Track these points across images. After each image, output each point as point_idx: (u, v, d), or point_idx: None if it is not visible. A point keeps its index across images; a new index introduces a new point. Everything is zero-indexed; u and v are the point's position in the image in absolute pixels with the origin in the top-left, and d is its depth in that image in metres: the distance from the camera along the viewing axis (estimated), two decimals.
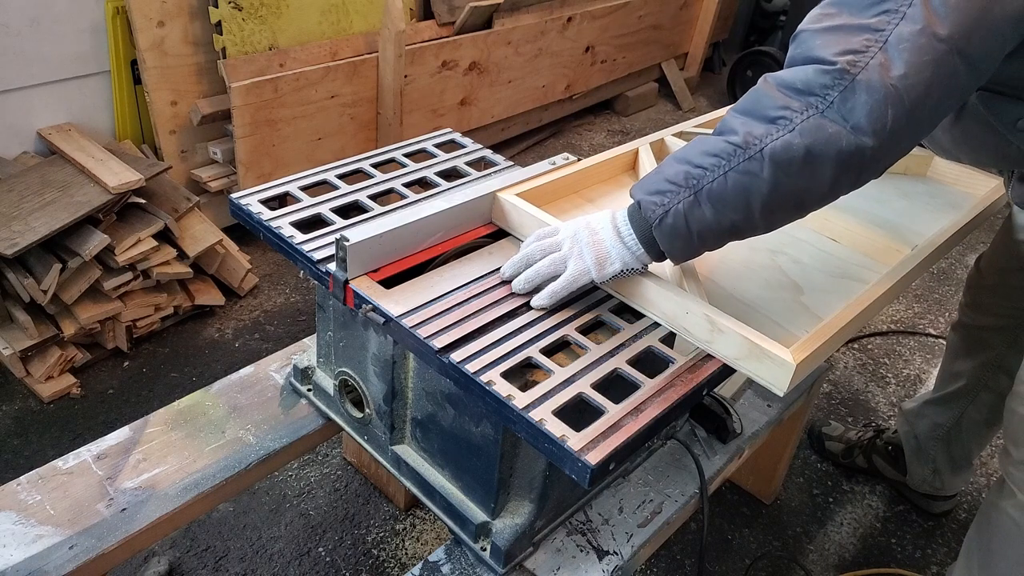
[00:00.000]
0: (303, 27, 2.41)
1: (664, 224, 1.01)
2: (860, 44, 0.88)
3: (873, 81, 0.87)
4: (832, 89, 0.88)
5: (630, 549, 1.16)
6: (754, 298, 1.19)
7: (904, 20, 0.86)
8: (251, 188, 1.40)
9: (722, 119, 0.99)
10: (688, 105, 4.02)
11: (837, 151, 0.89)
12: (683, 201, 0.98)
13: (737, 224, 0.99)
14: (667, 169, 1.02)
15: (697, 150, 0.99)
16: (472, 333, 1.04)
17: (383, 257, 1.16)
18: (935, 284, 2.81)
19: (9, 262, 1.82)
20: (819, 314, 1.15)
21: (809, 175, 0.92)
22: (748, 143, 0.93)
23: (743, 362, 1.00)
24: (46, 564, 1.04)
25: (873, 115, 0.87)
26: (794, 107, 0.91)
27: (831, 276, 1.27)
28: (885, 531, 1.84)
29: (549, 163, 1.48)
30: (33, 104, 2.11)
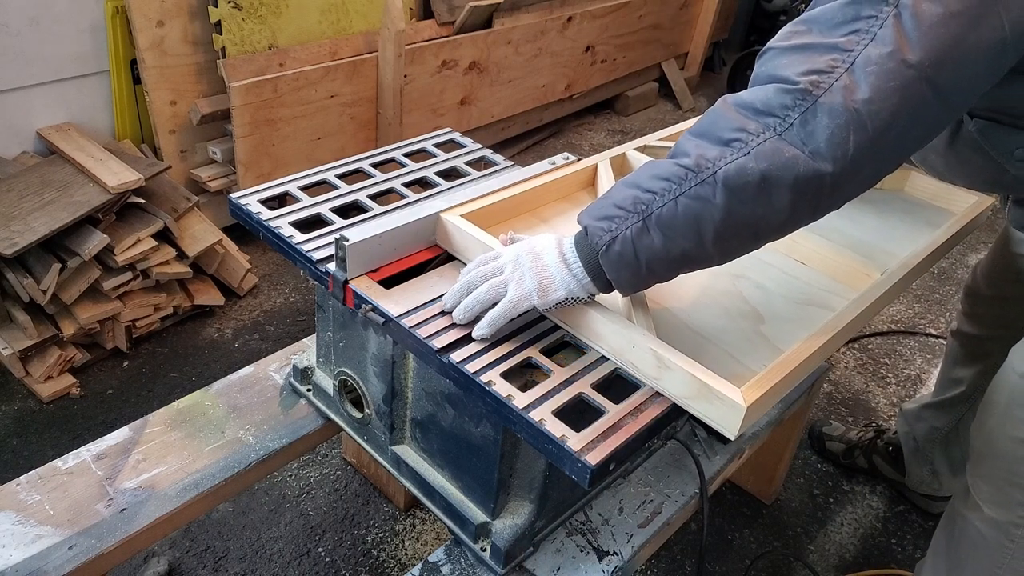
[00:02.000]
0: (303, 27, 2.41)
1: (611, 252, 0.95)
2: (826, 64, 0.83)
3: (835, 104, 0.82)
4: (792, 110, 0.84)
5: (630, 549, 1.16)
6: (710, 328, 1.12)
7: (873, 41, 0.82)
8: (251, 188, 1.40)
9: (676, 142, 0.95)
10: (688, 105, 4.02)
11: (794, 176, 0.84)
12: (631, 227, 0.92)
13: (688, 253, 0.93)
14: (616, 194, 0.96)
15: (647, 174, 0.94)
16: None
17: (383, 257, 1.16)
18: (935, 284, 2.81)
19: (8, 262, 1.82)
20: (779, 345, 1.09)
21: (764, 202, 0.87)
22: (700, 166, 0.88)
23: (691, 402, 0.94)
24: (46, 564, 1.04)
25: (834, 140, 0.82)
26: (750, 129, 0.86)
27: (795, 303, 1.20)
28: (885, 531, 1.84)
29: (549, 163, 1.48)
30: (33, 104, 2.11)
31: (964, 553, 1.35)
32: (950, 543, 1.39)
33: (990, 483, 1.29)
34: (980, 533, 1.31)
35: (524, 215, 1.35)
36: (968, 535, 1.34)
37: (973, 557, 1.34)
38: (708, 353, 1.06)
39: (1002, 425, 1.24)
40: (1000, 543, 1.28)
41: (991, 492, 1.28)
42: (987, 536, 1.30)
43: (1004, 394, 1.23)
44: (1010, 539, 1.27)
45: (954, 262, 2.94)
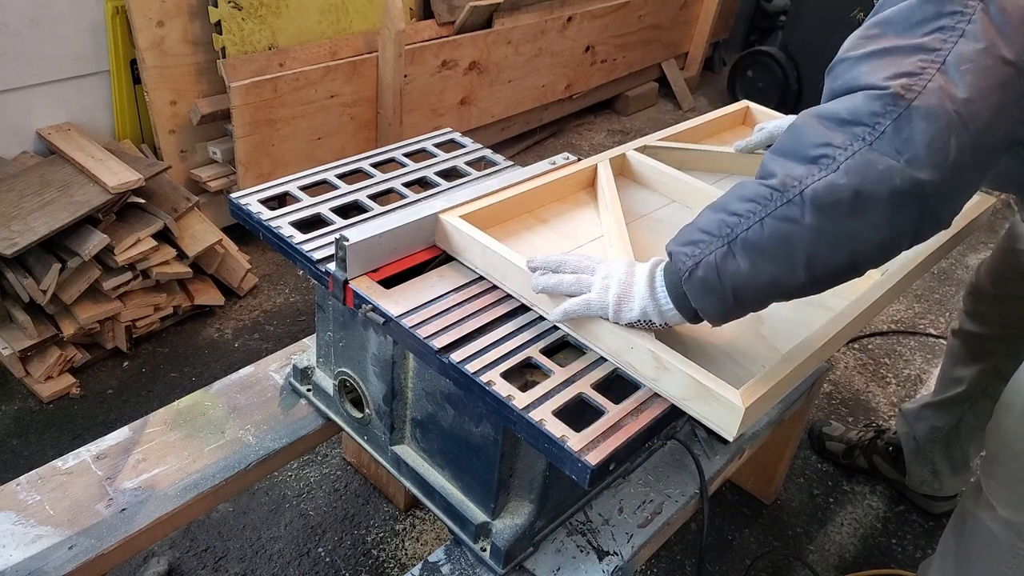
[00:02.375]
0: (303, 27, 2.41)
1: (694, 277, 0.89)
2: (914, 66, 0.76)
3: (933, 106, 0.75)
4: (884, 116, 0.77)
5: (630, 549, 1.15)
6: (709, 330, 1.08)
7: (963, 38, 0.76)
8: (251, 188, 1.40)
9: (761, 161, 0.89)
10: (688, 105, 4.02)
11: (890, 190, 0.77)
12: (715, 252, 0.87)
13: (778, 279, 0.86)
14: (702, 219, 0.92)
15: (735, 195, 0.88)
16: (472, 333, 1.04)
17: (383, 257, 1.16)
18: (936, 284, 2.81)
19: (9, 262, 1.82)
20: (778, 347, 1.08)
21: (859, 220, 0.79)
22: (786, 185, 0.82)
23: (690, 403, 0.94)
24: (45, 564, 1.04)
25: (934, 145, 0.75)
26: (837, 142, 0.79)
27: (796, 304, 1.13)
28: (885, 531, 1.84)
29: (549, 163, 1.48)
30: (33, 104, 2.11)
31: (974, 553, 1.35)
32: (960, 543, 1.39)
33: (1004, 483, 1.28)
34: (992, 533, 1.30)
35: (523, 216, 1.34)
36: (979, 535, 1.33)
37: (984, 557, 1.33)
38: (706, 354, 1.05)
39: (1018, 427, 1.23)
40: (1012, 543, 1.28)
41: (1005, 493, 1.28)
42: (999, 536, 1.30)
43: (1022, 396, 1.23)
44: (1022, 540, 1.28)
45: (954, 262, 2.94)
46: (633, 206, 1.41)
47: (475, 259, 1.16)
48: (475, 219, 1.21)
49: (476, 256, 1.15)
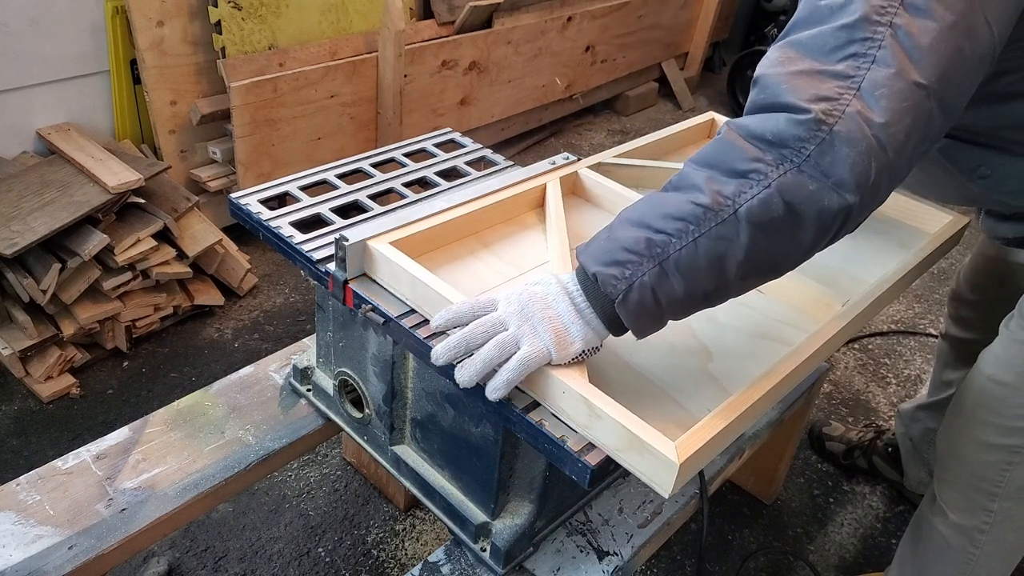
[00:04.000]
0: (303, 27, 2.41)
1: (629, 300, 0.87)
2: (832, 91, 0.79)
3: (853, 132, 0.78)
4: (808, 142, 0.79)
5: (630, 549, 1.15)
6: (654, 367, 1.03)
7: (875, 64, 0.78)
8: (250, 188, 1.40)
9: (680, 171, 0.88)
10: (688, 105, 4.02)
11: (819, 210, 0.80)
12: (648, 273, 0.85)
13: (710, 293, 0.88)
14: (621, 233, 0.88)
15: (657, 212, 0.87)
16: None
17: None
18: (935, 284, 2.81)
19: (8, 262, 1.82)
20: (727, 386, 1.01)
21: (789, 235, 0.83)
22: (719, 204, 0.82)
23: (623, 454, 0.86)
24: (45, 564, 1.04)
25: (856, 169, 0.78)
26: (767, 160, 0.81)
27: (748, 336, 1.11)
28: (885, 531, 1.84)
29: (549, 163, 1.48)
30: (32, 104, 2.11)
31: (929, 559, 1.36)
32: (915, 549, 1.39)
33: (955, 488, 1.28)
34: (945, 539, 1.31)
35: (466, 239, 1.25)
36: (933, 541, 1.33)
37: (938, 562, 1.34)
38: (648, 395, 0.98)
39: (968, 429, 1.23)
40: (964, 548, 1.28)
41: (955, 497, 1.28)
42: (951, 542, 1.30)
43: (971, 397, 1.22)
44: (974, 544, 1.27)
45: (954, 262, 2.94)
46: (582, 228, 1.31)
47: (405, 291, 1.07)
48: (410, 245, 1.13)
49: (406, 288, 1.07)
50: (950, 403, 1.31)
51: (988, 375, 1.20)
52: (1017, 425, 1.17)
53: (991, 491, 1.23)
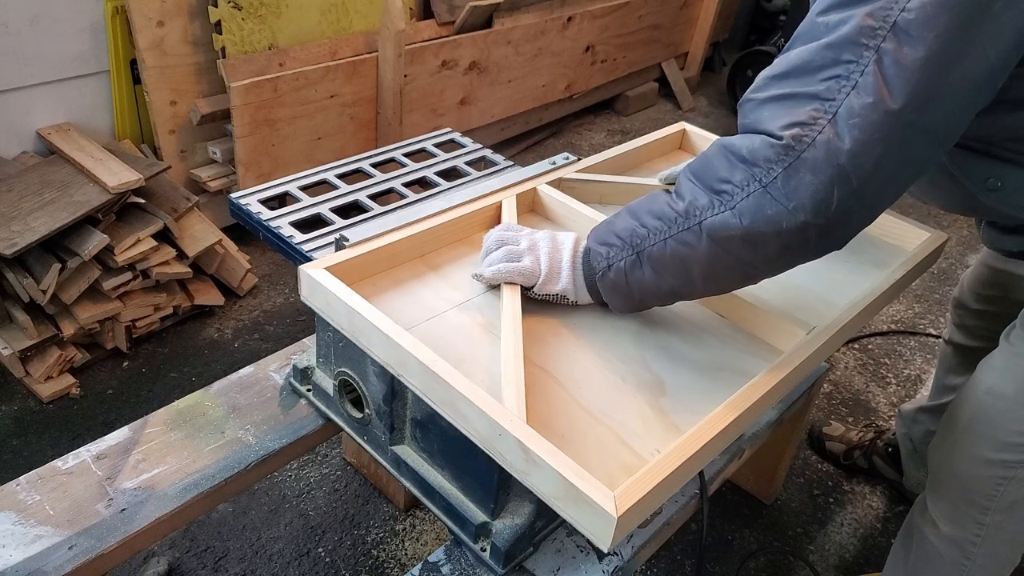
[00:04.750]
0: (303, 27, 2.41)
1: (606, 278, 1.01)
2: (807, 116, 0.81)
3: (819, 160, 0.80)
4: (776, 164, 0.83)
5: (630, 549, 1.15)
6: (601, 403, 0.98)
7: (855, 90, 0.79)
8: (250, 188, 1.40)
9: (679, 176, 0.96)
10: (688, 105, 4.02)
11: (777, 232, 0.85)
12: (625, 259, 0.98)
13: (678, 289, 0.97)
14: (619, 220, 1.01)
15: (646, 208, 0.97)
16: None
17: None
18: (935, 284, 2.81)
19: (8, 262, 1.82)
20: (679, 424, 0.96)
21: (750, 251, 0.88)
22: (689, 213, 0.90)
23: (560, 503, 0.82)
24: (45, 564, 1.04)
25: (817, 197, 0.81)
26: (736, 180, 0.86)
27: (705, 368, 1.06)
28: (886, 531, 1.84)
29: (549, 163, 1.48)
30: (32, 104, 2.11)
31: (921, 568, 1.35)
32: (907, 556, 1.39)
33: (947, 501, 1.28)
34: (937, 549, 1.30)
35: (413, 261, 1.21)
36: (925, 550, 1.33)
37: (930, 573, 1.34)
38: (593, 436, 0.94)
39: (963, 443, 1.22)
40: (956, 560, 1.28)
41: (948, 509, 1.28)
42: (944, 553, 1.29)
43: (967, 410, 1.21)
44: (966, 556, 1.27)
45: (954, 262, 2.94)
46: None
47: (342, 321, 1.04)
48: (349, 270, 1.10)
49: (342, 317, 1.04)
50: (944, 415, 1.29)
51: (986, 388, 1.19)
52: (1014, 440, 1.15)
53: (984, 505, 1.21)
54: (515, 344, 1.01)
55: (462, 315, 1.13)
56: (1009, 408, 1.15)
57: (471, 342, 1.08)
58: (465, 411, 0.91)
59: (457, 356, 1.04)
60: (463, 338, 1.08)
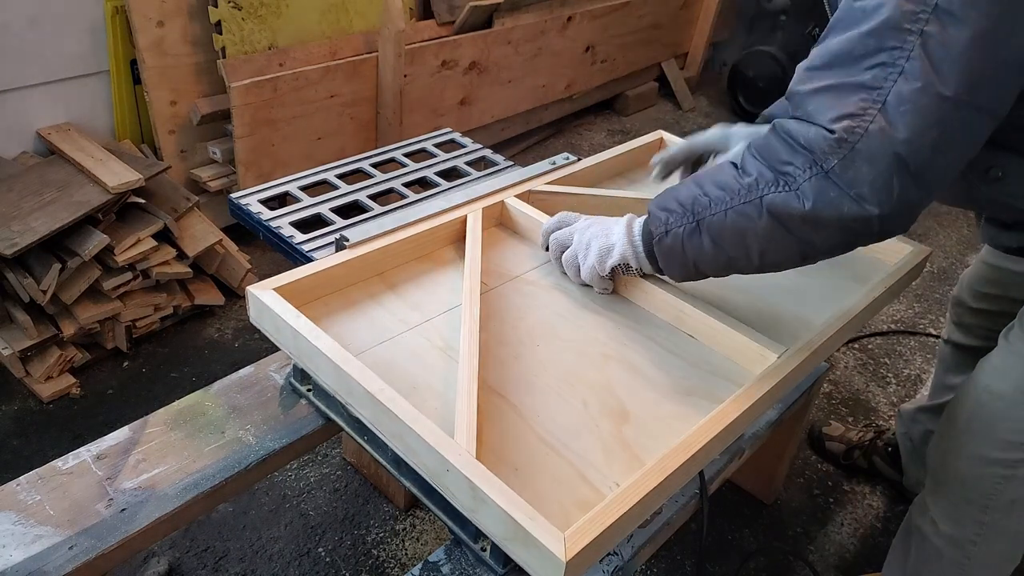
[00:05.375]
0: (303, 27, 2.41)
1: (663, 243, 1.01)
2: (856, 107, 0.81)
3: (875, 150, 0.80)
4: (831, 155, 0.83)
5: (630, 549, 1.15)
6: (561, 432, 0.94)
7: (902, 77, 0.79)
8: (251, 188, 1.40)
9: (744, 153, 0.95)
10: (688, 105, 4.02)
11: (839, 216, 0.85)
12: (684, 226, 0.97)
13: (735, 261, 0.97)
14: (682, 188, 1.01)
15: (712, 178, 0.97)
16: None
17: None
18: (935, 284, 2.81)
19: (8, 262, 1.82)
20: (641, 455, 0.92)
21: (810, 233, 0.88)
22: (753, 187, 0.90)
23: (510, 544, 0.78)
24: (45, 564, 1.04)
25: (876, 184, 0.82)
26: (798, 163, 0.86)
27: (673, 393, 1.02)
28: (886, 531, 1.84)
29: (549, 163, 1.48)
30: (32, 104, 2.11)
31: (921, 566, 1.35)
32: (907, 556, 1.39)
33: (946, 500, 1.28)
34: (936, 549, 1.30)
35: (370, 279, 1.16)
36: (924, 550, 1.33)
37: (930, 572, 1.33)
38: (550, 469, 0.89)
39: (962, 442, 1.22)
40: (956, 559, 1.28)
41: (947, 509, 1.27)
42: (943, 552, 1.29)
43: (966, 409, 1.21)
44: (966, 555, 1.27)
45: (954, 262, 2.94)
46: (505, 265, 1.24)
47: (289, 345, 1.01)
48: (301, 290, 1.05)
49: (289, 342, 1.00)
50: (943, 414, 1.29)
51: (984, 387, 1.18)
52: (1013, 439, 1.15)
53: (983, 504, 1.21)
54: (471, 371, 0.95)
55: (419, 337, 1.08)
56: (1008, 407, 1.15)
57: (426, 366, 1.03)
58: (413, 444, 0.86)
59: (410, 382, 1.00)
60: (418, 362, 1.04)
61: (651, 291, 1.16)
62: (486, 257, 1.23)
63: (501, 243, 1.31)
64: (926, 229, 3.11)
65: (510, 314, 1.15)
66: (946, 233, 3.12)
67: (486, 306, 1.14)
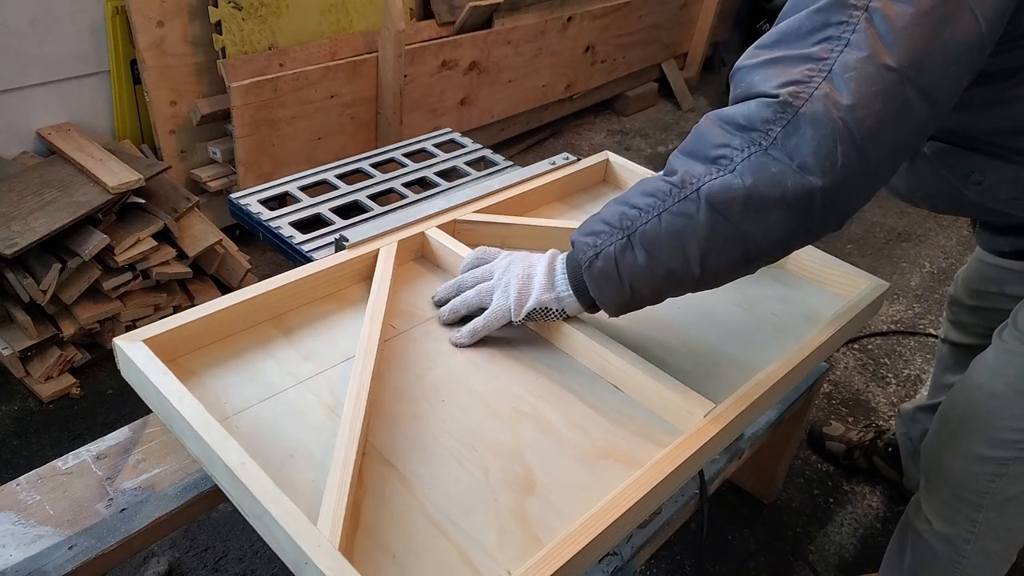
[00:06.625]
0: (303, 27, 2.41)
1: (594, 267, 0.93)
2: (802, 74, 0.80)
3: (818, 114, 0.79)
4: (774, 124, 0.81)
5: (630, 549, 1.15)
6: (453, 505, 0.83)
7: (848, 47, 0.79)
8: (251, 188, 1.40)
9: (668, 160, 0.92)
10: (688, 105, 4.02)
11: (782, 193, 0.81)
12: (615, 244, 0.91)
13: (673, 273, 0.89)
14: (605, 210, 0.95)
15: (637, 190, 0.93)
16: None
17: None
18: (935, 284, 2.81)
19: (8, 262, 1.82)
20: (542, 535, 0.82)
21: (752, 220, 0.84)
22: (684, 182, 0.86)
23: None
24: (45, 564, 1.04)
25: (820, 152, 0.79)
26: (734, 144, 0.83)
27: (587, 457, 0.92)
28: (886, 531, 1.84)
29: (549, 163, 1.48)
30: (32, 104, 2.11)
31: (916, 565, 1.35)
32: (903, 555, 1.40)
33: (939, 498, 1.28)
34: (931, 547, 1.30)
35: (262, 324, 1.05)
36: (919, 548, 1.33)
37: (925, 571, 1.34)
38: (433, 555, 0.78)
39: (956, 440, 1.22)
40: (950, 558, 1.28)
41: (940, 507, 1.28)
42: (938, 551, 1.29)
43: (959, 407, 1.21)
44: (960, 554, 1.27)
45: (954, 262, 2.94)
46: (419, 304, 1.14)
47: (154, 405, 0.92)
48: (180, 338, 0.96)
49: (153, 401, 0.91)
50: (937, 412, 1.29)
51: (978, 385, 1.18)
52: (1006, 437, 1.15)
53: (976, 502, 1.21)
54: (350, 438, 0.85)
55: (306, 393, 0.98)
56: (1001, 405, 1.15)
57: (309, 429, 0.93)
58: (272, 530, 0.77)
59: (286, 449, 0.89)
60: (300, 424, 0.93)
61: (575, 336, 1.05)
62: (399, 296, 1.13)
63: (419, 279, 1.18)
64: (926, 230, 3.11)
65: (417, 363, 1.03)
66: (946, 234, 3.12)
67: (390, 354, 1.03)
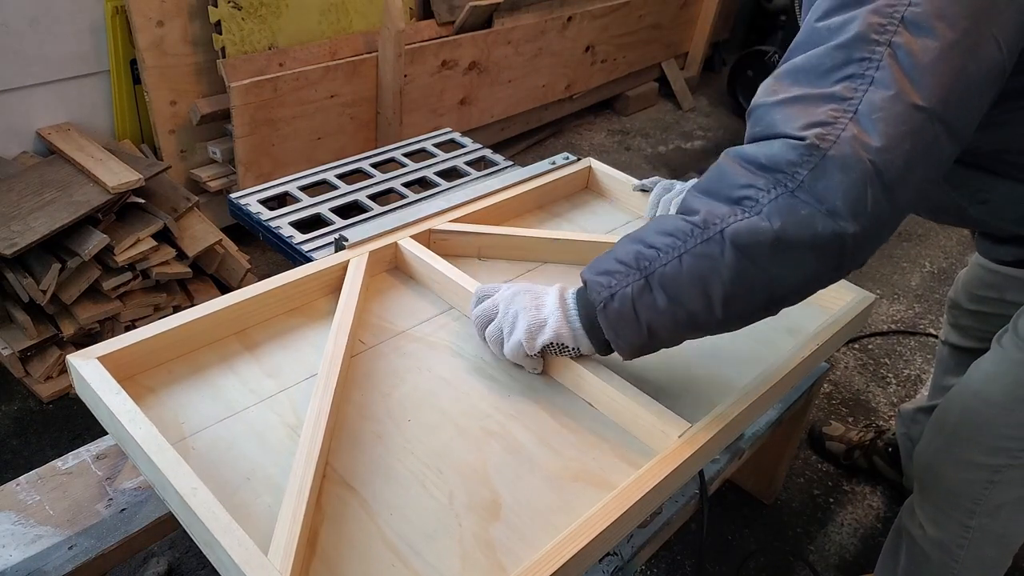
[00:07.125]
0: (303, 27, 2.41)
1: (609, 309, 0.88)
2: (827, 115, 0.77)
3: (847, 156, 0.75)
4: (800, 167, 0.77)
5: (630, 549, 1.15)
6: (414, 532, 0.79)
7: (873, 85, 0.76)
8: (250, 188, 1.40)
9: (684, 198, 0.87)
10: (688, 105, 4.02)
11: (812, 236, 0.77)
12: (632, 284, 0.86)
13: (695, 316, 0.85)
14: (619, 248, 0.91)
15: (653, 229, 0.88)
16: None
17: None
18: (935, 284, 2.81)
19: (8, 262, 1.82)
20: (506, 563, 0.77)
21: (780, 262, 0.80)
22: (707, 223, 0.82)
23: None
24: (45, 564, 1.04)
25: (850, 196, 0.76)
26: (759, 185, 0.79)
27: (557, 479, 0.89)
28: (886, 532, 1.83)
29: (549, 163, 1.48)
30: (32, 104, 2.11)
31: (910, 569, 1.35)
32: (896, 558, 1.39)
33: (933, 503, 1.28)
34: (924, 552, 1.30)
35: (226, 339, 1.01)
36: (913, 553, 1.33)
37: (918, 574, 1.34)
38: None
39: (950, 446, 1.21)
40: (944, 563, 1.28)
41: (934, 512, 1.27)
42: (931, 556, 1.29)
43: (955, 413, 1.20)
44: (953, 559, 1.27)
45: (954, 262, 2.94)
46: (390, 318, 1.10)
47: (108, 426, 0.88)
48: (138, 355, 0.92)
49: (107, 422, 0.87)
50: (932, 417, 1.28)
51: (975, 392, 1.18)
52: (1002, 444, 1.15)
53: (970, 508, 1.21)
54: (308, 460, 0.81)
55: (268, 412, 0.94)
56: (998, 413, 1.14)
57: (268, 450, 0.89)
58: (222, 559, 0.74)
59: (243, 472, 0.85)
60: (259, 445, 0.89)
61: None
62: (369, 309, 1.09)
63: (391, 291, 1.14)
64: (926, 230, 3.11)
65: (384, 380, 0.99)
66: (946, 234, 3.11)
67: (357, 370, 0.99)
